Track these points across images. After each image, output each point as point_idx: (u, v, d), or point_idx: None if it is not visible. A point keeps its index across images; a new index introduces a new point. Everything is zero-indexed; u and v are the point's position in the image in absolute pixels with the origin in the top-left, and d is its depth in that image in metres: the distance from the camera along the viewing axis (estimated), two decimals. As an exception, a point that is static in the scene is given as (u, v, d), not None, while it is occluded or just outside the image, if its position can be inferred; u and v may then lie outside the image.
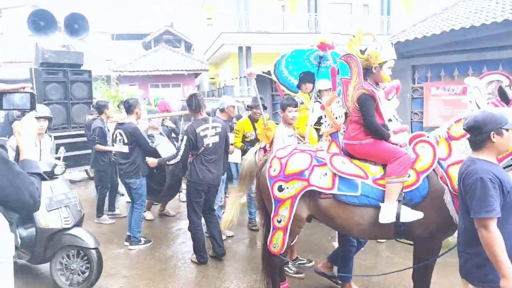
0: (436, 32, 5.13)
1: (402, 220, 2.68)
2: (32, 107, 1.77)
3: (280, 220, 3.04)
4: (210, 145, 4.05)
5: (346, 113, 3.14)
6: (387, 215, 2.70)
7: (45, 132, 4.01)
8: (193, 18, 27.56)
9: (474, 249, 2.10)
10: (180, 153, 4.02)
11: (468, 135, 2.21)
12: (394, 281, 3.74)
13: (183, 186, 6.47)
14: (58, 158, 3.92)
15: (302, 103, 4.78)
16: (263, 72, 5.47)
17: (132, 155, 4.63)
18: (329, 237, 4.82)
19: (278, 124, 4.15)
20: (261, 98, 4.80)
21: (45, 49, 6.03)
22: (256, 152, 4.56)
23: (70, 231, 3.55)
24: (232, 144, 5.24)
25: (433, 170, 2.73)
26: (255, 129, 5.16)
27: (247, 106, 5.60)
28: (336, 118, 3.20)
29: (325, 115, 3.30)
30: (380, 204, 2.74)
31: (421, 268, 2.83)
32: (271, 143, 4.00)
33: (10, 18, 20.28)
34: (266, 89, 7.00)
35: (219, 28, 18.90)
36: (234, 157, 5.53)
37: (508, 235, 2.00)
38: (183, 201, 6.92)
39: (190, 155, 4.10)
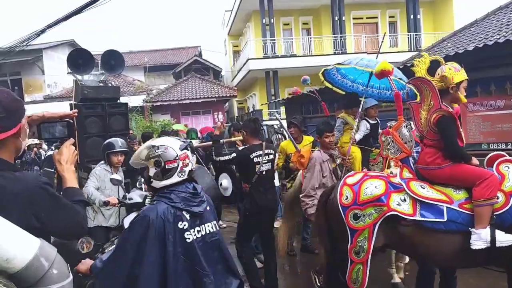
0: (469, 48, 5.02)
1: (498, 244, 2.50)
2: (70, 135, 1.85)
3: (359, 252, 2.81)
4: (264, 173, 3.95)
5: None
6: (480, 241, 2.53)
7: (121, 166, 4.11)
8: (221, 46, 28.43)
9: None
10: (221, 158, 3.87)
11: None
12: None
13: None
14: (140, 189, 4.03)
15: (346, 123, 4.83)
16: (310, 91, 5.52)
17: None
18: (384, 263, 4.59)
19: (315, 149, 4.16)
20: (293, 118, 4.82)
21: (84, 86, 6.36)
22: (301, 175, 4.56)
23: None
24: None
25: None
26: (297, 149, 5.17)
27: (289, 122, 5.56)
28: (406, 142, 3.11)
29: (392, 141, 3.21)
30: (471, 229, 2.58)
31: None
32: (305, 169, 4.00)
33: (51, 57, 21.68)
34: (296, 113, 7.05)
35: (246, 55, 19.36)
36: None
37: None
38: (223, 228, 6.95)
39: (245, 185, 4.02)
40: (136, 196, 3.66)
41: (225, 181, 6.59)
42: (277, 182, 6.68)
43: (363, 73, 4.61)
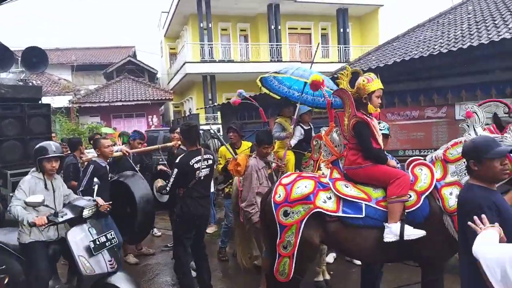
0: (389, 63, 5.47)
1: (405, 238, 2.75)
2: None
3: (286, 246, 3.01)
4: (202, 178, 3.87)
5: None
6: (391, 234, 2.79)
7: (56, 172, 3.64)
8: (157, 48, 27.70)
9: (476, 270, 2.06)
10: (169, 185, 3.79)
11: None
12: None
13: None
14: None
15: (284, 128, 4.97)
16: (250, 96, 5.58)
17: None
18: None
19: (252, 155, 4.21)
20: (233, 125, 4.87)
21: (1, 84, 5.83)
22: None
23: (115, 276, 3.22)
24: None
25: (431, 192, 2.85)
26: (236, 154, 5.21)
27: (229, 127, 5.54)
28: (336, 146, 3.41)
29: (324, 144, 3.49)
30: (384, 224, 2.84)
31: None
32: (242, 176, 4.04)
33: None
34: (232, 118, 7.11)
35: (183, 58, 19.08)
36: None
37: None
38: (157, 236, 6.76)
39: (180, 189, 3.90)
40: (68, 211, 3.34)
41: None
42: (212, 188, 6.66)
43: (298, 81, 4.81)
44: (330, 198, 2.98)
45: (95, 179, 3.84)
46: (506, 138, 2.63)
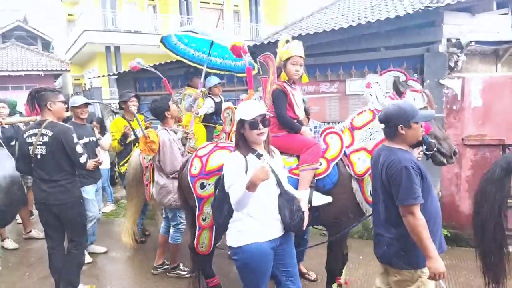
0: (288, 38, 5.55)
1: (313, 204, 2.83)
2: None
3: (205, 218, 3.03)
4: (39, 157, 3.15)
5: None
6: None
7: None
8: (52, 13, 24.76)
9: (396, 234, 2.19)
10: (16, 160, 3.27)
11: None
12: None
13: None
14: None
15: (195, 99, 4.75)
16: (149, 66, 5.20)
17: None
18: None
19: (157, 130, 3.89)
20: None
21: None
22: (139, 154, 4.27)
23: None
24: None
25: (341, 159, 2.96)
26: (132, 128, 4.90)
27: (119, 102, 5.20)
28: None
29: None
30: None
31: (335, 250, 3.12)
32: (158, 153, 3.68)
33: None
34: (129, 88, 6.59)
35: (82, 25, 17.34)
36: (103, 163, 4.68)
37: (429, 217, 2.11)
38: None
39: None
40: None
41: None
42: (107, 165, 6.21)
43: (204, 40, 4.56)
44: None
45: None
46: None
